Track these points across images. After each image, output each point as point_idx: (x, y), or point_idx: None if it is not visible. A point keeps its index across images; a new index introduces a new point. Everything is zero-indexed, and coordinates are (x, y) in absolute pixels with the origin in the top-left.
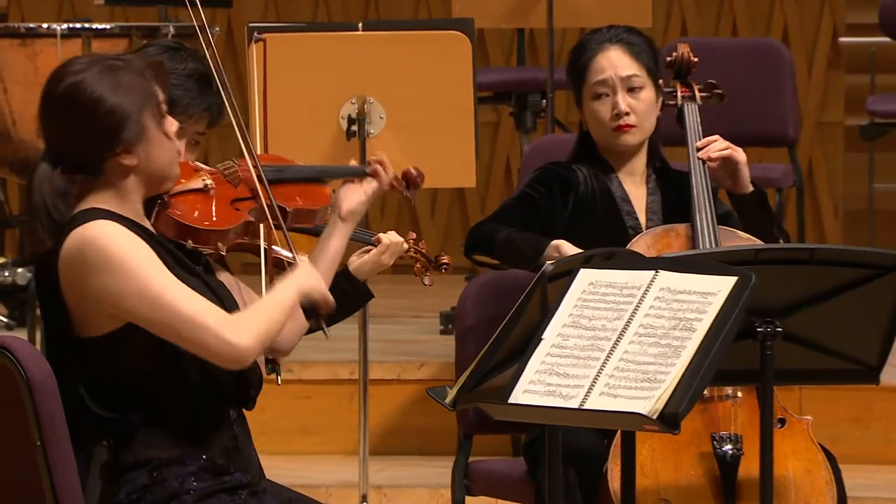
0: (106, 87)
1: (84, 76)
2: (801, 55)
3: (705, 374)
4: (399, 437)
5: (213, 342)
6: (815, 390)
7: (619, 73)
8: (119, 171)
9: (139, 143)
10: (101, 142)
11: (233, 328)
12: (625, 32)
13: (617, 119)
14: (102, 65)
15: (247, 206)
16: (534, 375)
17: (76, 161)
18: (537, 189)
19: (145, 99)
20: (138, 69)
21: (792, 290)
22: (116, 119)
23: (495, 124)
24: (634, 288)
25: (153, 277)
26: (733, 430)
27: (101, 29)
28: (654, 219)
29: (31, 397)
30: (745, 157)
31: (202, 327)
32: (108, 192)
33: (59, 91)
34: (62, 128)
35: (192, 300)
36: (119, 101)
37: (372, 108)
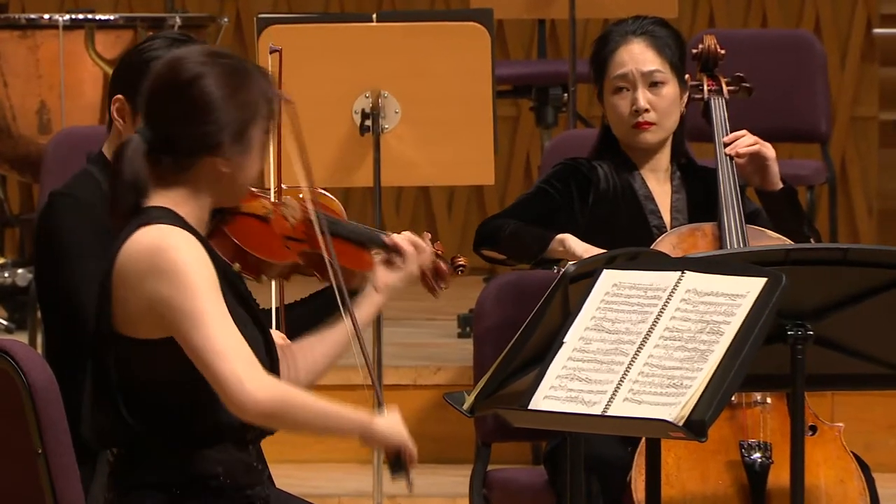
0: (226, 88)
1: (208, 70)
2: (833, 47)
3: (734, 379)
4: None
5: (230, 379)
6: (847, 396)
7: (640, 68)
8: (208, 174)
9: (240, 154)
10: (204, 137)
11: (255, 377)
12: (650, 24)
13: (636, 116)
14: (227, 64)
15: (298, 247)
16: (555, 381)
17: (172, 149)
18: (554, 185)
19: (259, 111)
20: (259, 82)
21: (824, 291)
22: (226, 122)
23: (515, 119)
24: (660, 289)
25: (206, 300)
26: (762, 438)
27: (104, 20)
28: (679, 217)
29: (32, 403)
30: (775, 153)
31: (226, 361)
32: (185, 192)
33: (180, 76)
34: (172, 110)
35: (230, 334)
36: (235, 106)
37: (386, 102)
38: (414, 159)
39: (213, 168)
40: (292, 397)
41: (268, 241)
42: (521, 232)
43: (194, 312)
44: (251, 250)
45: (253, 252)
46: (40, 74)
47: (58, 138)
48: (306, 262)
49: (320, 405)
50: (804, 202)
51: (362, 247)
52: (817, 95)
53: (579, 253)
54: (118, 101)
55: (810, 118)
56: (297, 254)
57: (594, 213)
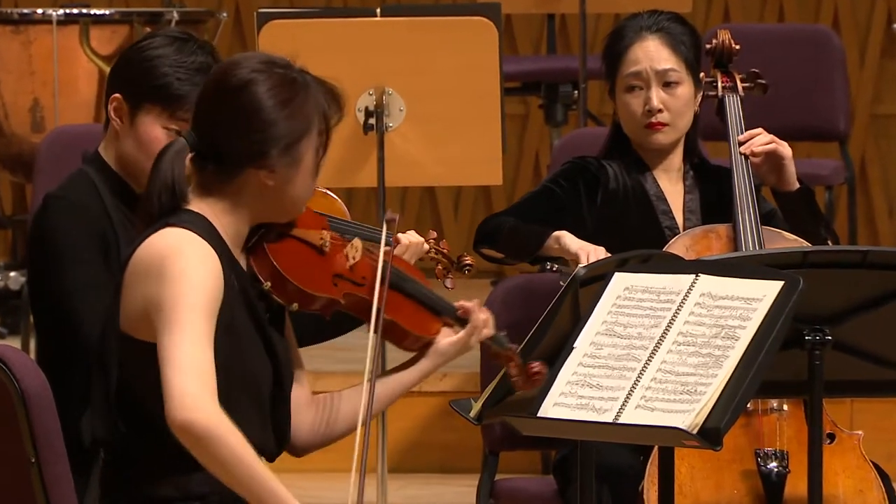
0: (278, 98)
1: (261, 77)
2: (852, 42)
3: (749, 385)
4: (420, 454)
5: (175, 390)
6: (867, 403)
7: (654, 66)
8: (252, 186)
9: (288, 167)
10: (251, 147)
11: (200, 398)
12: (666, 20)
13: (649, 116)
14: (283, 74)
15: (346, 287)
16: (565, 387)
17: (218, 155)
18: (560, 184)
19: (311, 125)
20: (316, 94)
21: (843, 295)
22: (275, 134)
23: (523, 117)
24: (673, 293)
25: (191, 312)
26: (779, 447)
27: (100, 15)
28: (692, 219)
29: (25, 411)
30: (791, 152)
31: (180, 373)
32: (226, 202)
33: (230, 82)
34: (220, 116)
35: (199, 353)
36: (285, 117)
37: (391, 99)
38: (419, 158)
39: (258, 180)
40: (224, 436)
41: (312, 272)
42: (518, 229)
43: (173, 318)
44: (288, 275)
45: (290, 277)
46: (33, 71)
47: (51, 137)
48: (349, 305)
49: (251, 462)
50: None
51: (432, 312)
52: (836, 92)
53: (574, 250)
54: (116, 101)
55: (828, 116)
56: (343, 294)
57: (603, 214)
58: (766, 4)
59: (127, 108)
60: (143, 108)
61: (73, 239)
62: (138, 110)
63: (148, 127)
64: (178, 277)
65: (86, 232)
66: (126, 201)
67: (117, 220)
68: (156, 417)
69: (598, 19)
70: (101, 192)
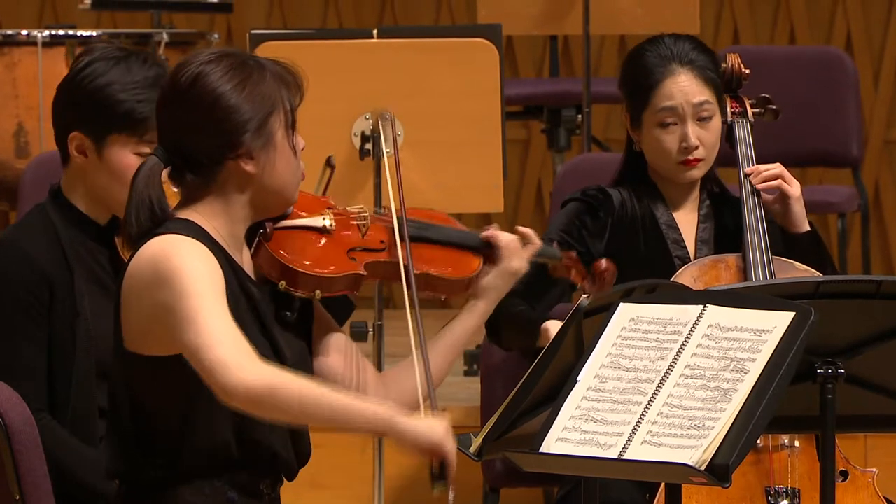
0: (233, 82)
1: (210, 68)
2: (866, 65)
3: (759, 420)
4: (418, 491)
5: (216, 365)
6: (881, 439)
7: (690, 100)
8: (235, 178)
9: (263, 149)
10: (221, 139)
11: (243, 361)
12: (692, 50)
13: (685, 152)
14: (232, 59)
15: (365, 257)
16: (568, 422)
17: (191, 158)
18: (564, 238)
19: (275, 103)
20: (272, 72)
21: (856, 327)
22: (241, 117)
23: (525, 142)
24: (680, 324)
25: (200, 299)
26: (790, 484)
27: (86, 36)
28: (705, 249)
29: (9, 447)
30: (799, 192)
31: (213, 348)
32: (215, 206)
33: (180, 82)
34: (181, 120)
35: (223, 325)
36: (245, 98)
37: (388, 123)
38: (417, 184)
39: (239, 171)
40: (286, 384)
41: (324, 255)
42: (514, 323)
43: (188, 313)
44: (297, 266)
45: (299, 268)
46: (17, 94)
47: (36, 162)
48: (375, 273)
49: (324, 395)
50: (835, 231)
51: (464, 250)
52: (849, 117)
53: None
54: (76, 139)
55: (841, 141)
56: (363, 264)
57: (611, 242)
58: (777, 25)
59: (91, 142)
60: (108, 140)
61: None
62: (104, 143)
63: (119, 156)
64: (175, 274)
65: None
66: (87, 233)
67: (73, 257)
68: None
69: (603, 41)
70: (58, 229)
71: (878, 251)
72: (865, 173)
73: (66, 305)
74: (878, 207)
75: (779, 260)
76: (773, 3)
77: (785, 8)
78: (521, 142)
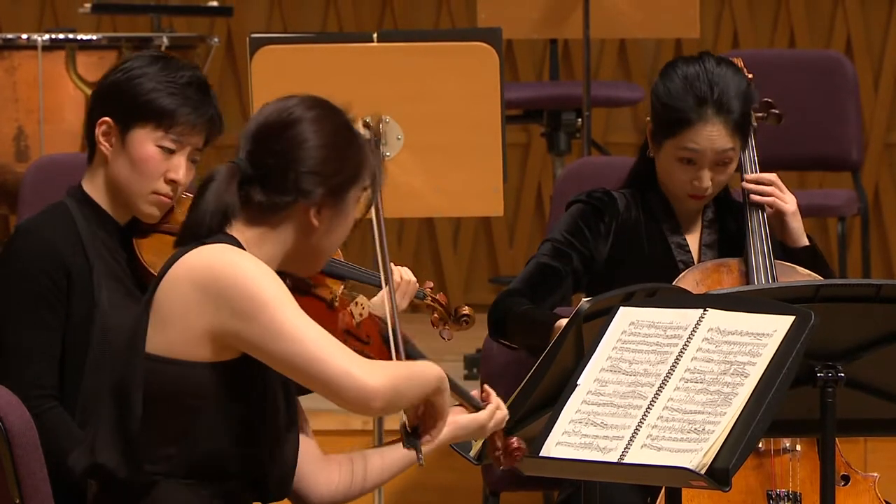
0: (336, 140)
1: (322, 116)
2: (866, 68)
3: (759, 424)
4: (418, 495)
5: (341, 378)
6: (881, 443)
7: (714, 148)
8: (297, 221)
9: (333, 211)
10: (302, 183)
11: (361, 366)
12: (734, 98)
13: (695, 190)
14: (341, 119)
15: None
16: (568, 426)
17: (268, 184)
18: (567, 240)
19: (361, 177)
20: (369, 148)
21: (856, 330)
22: (328, 175)
23: (525, 146)
24: (680, 328)
25: (281, 309)
26: (791, 488)
27: (87, 40)
28: (709, 253)
29: (9, 451)
30: (795, 208)
31: (328, 363)
32: (266, 235)
33: (292, 118)
34: (276, 149)
35: (318, 334)
36: (338, 160)
37: (388, 127)
38: (417, 188)
39: (305, 216)
40: (393, 370)
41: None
42: (523, 321)
43: (273, 325)
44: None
45: None
46: (17, 98)
47: (36, 166)
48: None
49: (406, 366)
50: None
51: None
52: (848, 120)
53: None
54: (105, 124)
55: (841, 145)
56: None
57: (614, 246)
58: (777, 29)
59: (117, 129)
60: (134, 128)
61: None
62: (129, 130)
63: (141, 145)
64: (244, 282)
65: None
66: (108, 231)
67: (92, 251)
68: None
69: (603, 45)
70: (78, 223)
71: (878, 255)
72: (865, 177)
73: (84, 294)
74: (878, 211)
75: (781, 264)
76: (773, 7)
77: (785, 12)
78: (521, 145)
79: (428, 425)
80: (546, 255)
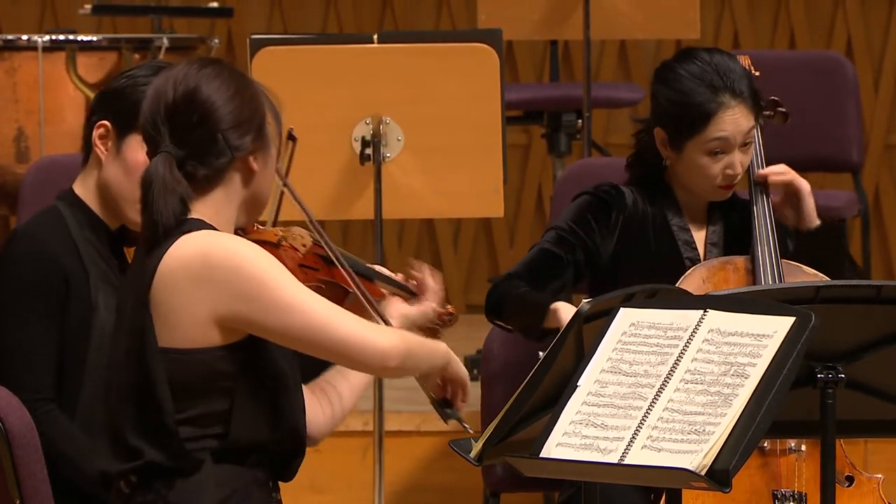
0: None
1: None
2: (866, 69)
3: (760, 425)
4: (418, 496)
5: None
6: (882, 444)
7: (741, 130)
8: (239, 178)
9: (262, 149)
10: (237, 131)
11: (372, 329)
12: (741, 79)
13: (728, 179)
14: (227, 68)
15: (313, 275)
16: (568, 427)
17: (206, 154)
18: (572, 229)
19: (264, 104)
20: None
21: (856, 332)
22: (245, 120)
23: (526, 147)
24: (680, 329)
25: (280, 283)
26: (797, 488)
27: (87, 41)
28: (714, 251)
29: (9, 452)
30: (809, 188)
31: (338, 328)
32: (220, 198)
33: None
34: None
35: (322, 303)
36: (248, 98)
37: (388, 128)
38: (417, 190)
39: (245, 166)
40: (404, 333)
41: (290, 267)
42: (520, 302)
43: (277, 301)
44: None
45: None
46: (18, 99)
47: (36, 167)
48: (323, 288)
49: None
50: None
51: (371, 280)
52: (849, 121)
53: None
54: (103, 127)
55: (841, 146)
56: (316, 280)
57: (620, 242)
58: (777, 30)
59: (114, 134)
60: (130, 134)
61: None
62: (125, 136)
63: (135, 152)
64: (239, 262)
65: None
66: (100, 236)
67: (87, 256)
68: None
69: (603, 46)
70: (71, 228)
71: (879, 256)
72: (866, 178)
73: (81, 298)
74: (878, 212)
75: (787, 263)
76: (773, 8)
77: (785, 12)
78: (522, 146)
79: (455, 393)
80: (549, 241)
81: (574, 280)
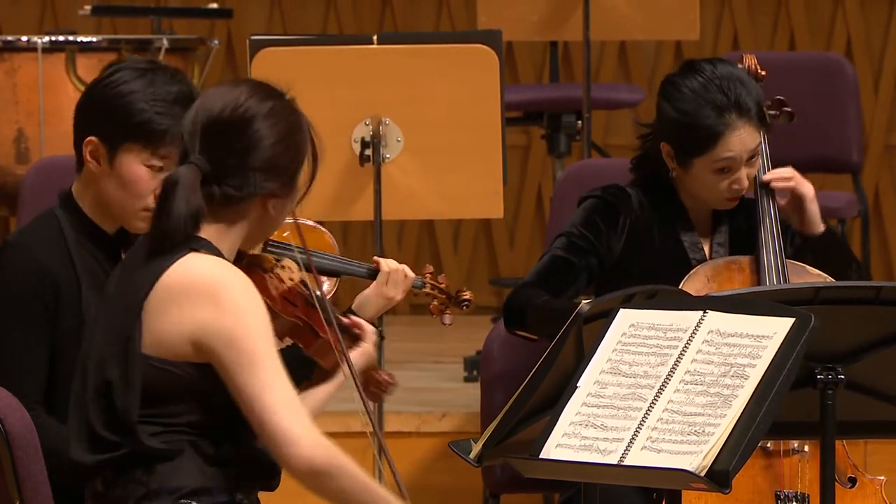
0: (292, 128)
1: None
2: (866, 70)
3: (759, 426)
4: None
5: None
6: (882, 445)
7: (748, 149)
8: (252, 215)
9: (285, 198)
10: (263, 179)
11: (311, 435)
12: (747, 97)
13: (735, 192)
14: (287, 107)
15: (291, 311)
16: (568, 428)
17: (231, 182)
18: (582, 233)
19: (305, 151)
20: (305, 120)
21: (856, 332)
22: (285, 167)
23: (525, 148)
24: (680, 330)
25: (263, 345)
26: (800, 489)
27: (87, 42)
28: (720, 251)
29: (9, 452)
30: (813, 193)
31: (283, 416)
32: (228, 226)
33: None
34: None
35: (286, 387)
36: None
37: (388, 129)
38: (417, 191)
39: (262, 207)
40: (344, 463)
41: (273, 295)
42: (544, 309)
43: (251, 356)
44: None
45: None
46: (17, 100)
47: (36, 168)
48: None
49: (366, 479)
50: None
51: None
52: (849, 122)
53: None
54: (91, 144)
55: (841, 147)
56: (292, 316)
57: (627, 243)
58: (777, 31)
59: (105, 150)
60: (122, 149)
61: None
62: (118, 151)
63: (130, 167)
64: (240, 310)
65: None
66: (96, 242)
67: (81, 264)
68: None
69: (603, 47)
70: (67, 236)
71: (879, 257)
72: (865, 179)
73: (72, 309)
74: (878, 213)
75: (792, 264)
76: (773, 9)
77: (785, 14)
78: (521, 147)
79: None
80: (560, 248)
81: (587, 284)
